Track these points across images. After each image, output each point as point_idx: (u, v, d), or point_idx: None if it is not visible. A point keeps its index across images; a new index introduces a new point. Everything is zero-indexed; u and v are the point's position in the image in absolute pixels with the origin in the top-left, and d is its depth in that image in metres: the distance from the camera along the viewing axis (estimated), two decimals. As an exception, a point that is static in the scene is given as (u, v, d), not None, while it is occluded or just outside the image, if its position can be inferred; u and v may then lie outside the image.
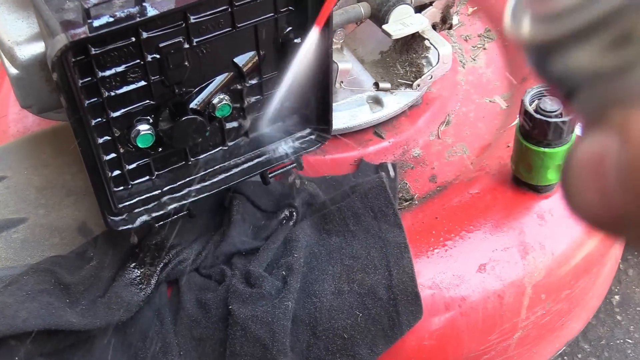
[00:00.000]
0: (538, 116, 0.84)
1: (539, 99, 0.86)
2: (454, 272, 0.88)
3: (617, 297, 1.34)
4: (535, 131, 0.85)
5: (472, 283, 0.87)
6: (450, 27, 1.12)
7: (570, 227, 0.93)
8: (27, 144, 1.03)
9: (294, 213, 0.94)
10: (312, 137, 0.89)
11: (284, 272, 0.86)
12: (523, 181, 0.93)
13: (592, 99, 0.27)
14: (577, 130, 0.88)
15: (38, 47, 0.80)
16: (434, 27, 1.10)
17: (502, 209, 0.93)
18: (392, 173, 1.03)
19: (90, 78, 0.69)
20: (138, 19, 0.65)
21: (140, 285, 0.85)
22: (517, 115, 0.90)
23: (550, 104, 0.84)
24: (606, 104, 0.26)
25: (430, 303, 0.86)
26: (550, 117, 0.84)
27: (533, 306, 0.91)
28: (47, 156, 1.01)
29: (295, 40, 0.79)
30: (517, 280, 0.89)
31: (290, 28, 0.79)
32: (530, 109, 0.85)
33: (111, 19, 0.64)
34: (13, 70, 0.84)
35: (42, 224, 0.93)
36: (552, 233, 0.92)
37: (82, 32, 0.63)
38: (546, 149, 0.86)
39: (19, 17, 0.85)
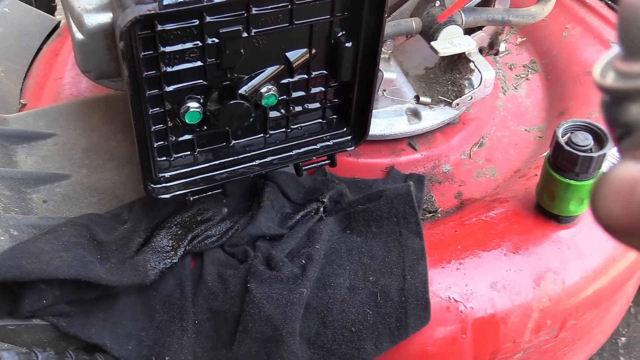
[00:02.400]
0: (568, 148, 0.87)
1: (571, 132, 0.89)
2: (466, 285, 0.91)
3: (623, 339, 1.35)
4: (563, 162, 0.88)
5: (482, 298, 0.90)
6: (497, 54, 1.16)
7: (585, 260, 0.95)
8: (79, 107, 1.09)
9: (321, 208, 0.98)
10: (349, 137, 0.93)
11: (303, 261, 0.90)
12: (545, 209, 0.96)
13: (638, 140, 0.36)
14: (604, 167, 0.90)
15: (105, 17, 0.85)
16: (480, 51, 1.13)
17: (521, 233, 0.96)
18: (420, 184, 1.07)
19: (152, 52, 0.74)
20: (205, 3, 0.69)
21: (168, 254, 0.89)
22: (549, 146, 0.93)
23: (582, 139, 0.87)
24: None
25: (438, 311, 0.89)
26: (580, 150, 0.87)
27: (537, 330, 0.93)
28: (96, 121, 1.07)
29: (347, 45, 0.83)
30: (525, 303, 0.91)
31: (343, 32, 0.83)
32: (562, 140, 0.88)
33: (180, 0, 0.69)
34: (79, 36, 0.89)
35: (84, 183, 0.98)
36: (566, 263, 0.94)
37: (152, 7, 0.68)
38: (571, 181, 0.89)
39: (91, -13, 0.90)
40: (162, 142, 0.84)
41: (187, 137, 0.85)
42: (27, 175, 0.97)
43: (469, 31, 1.08)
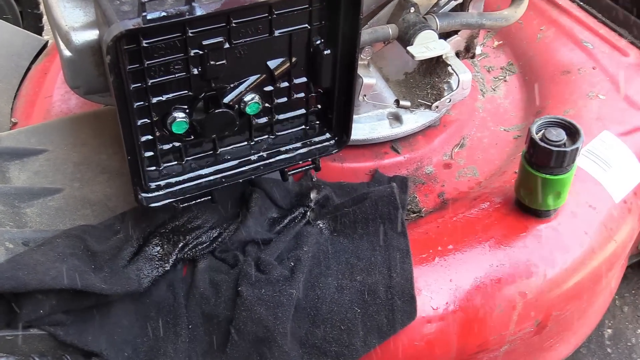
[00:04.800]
0: (542, 144, 0.90)
1: (545, 129, 0.92)
2: (450, 281, 0.94)
3: (609, 330, 1.38)
4: (538, 157, 0.91)
5: (466, 293, 0.93)
6: (473, 57, 1.19)
7: (565, 252, 0.98)
8: (69, 123, 1.11)
9: (308, 212, 1.01)
10: (331, 142, 0.96)
11: (292, 263, 0.92)
12: (525, 205, 0.99)
13: None
14: (578, 161, 0.94)
15: (92, 34, 0.88)
16: (457, 54, 1.17)
17: (502, 228, 0.99)
18: (404, 186, 1.10)
19: (137, 65, 0.77)
20: (187, 17, 0.73)
21: (160, 262, 0.92)
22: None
23: (555, 135, 0.90)
24: None
25: (424, 307, 0.92)
26: (553, 145, 0.90)
27: (522, 322, 0.96)
28: (87, 136, 1.09)
29: (325, 52, 0.86)
30: (508, 296, 0.94)
31: (321, 40, 0.86)
32: (536, 137, 0.91)
33: (163, 14, 0.72)
34: (67, 53, 0.92)
35: (76, 196, 1.00)
36: (547, 256, 0.97)
37: (136, 22, 0.71)
38: (547, 175, 0.92)
39: (77, 5, 0.93)
40: (151, 152, 0.86)
41: (174, 146, 0.88)
42: (20, 190, 0.99)
43: (445, 35, 1.11)
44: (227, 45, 0.80)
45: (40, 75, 1.34)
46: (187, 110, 0.84)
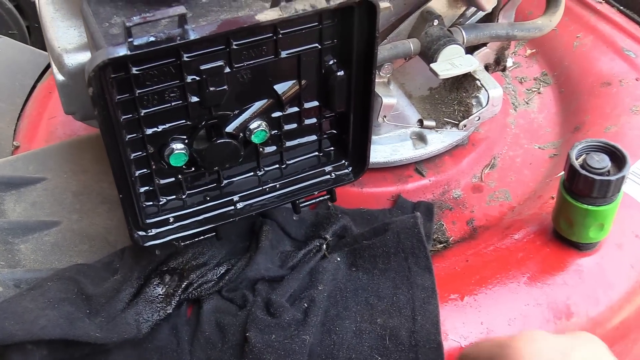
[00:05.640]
0: (584, 172, 0.80)
1: (586, 154, 0.83)
2: (481, 324, 0.85)
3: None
4: (578, 187, 0.82)
5: (499, 337, 0.84)
6: (504, 69, 1.10)
7: (609, 289, 0.89)
8: (69, 148, 1.04)
9: (324, 245, 0.92)
10: (348, 170, 0.88)
11: (305, 305, 0.84)
12: (563, 236, 0.90)
13: None
14: (624, 188, 0.84)
15: (86, 56, 0.82)
16: (486, 68, 1.07)
17: (539, 263, 0.90)
18: (429, 213, 1.01)
19: (128, 94, 0.69)
20: (178, 41, 0.65)
21: (162, 304, 0.84)
22: (563, 167, 0.87)
23: (598, 161, 0.81)
24: None
25: (452, 353, 0.83)
26: (596, 173, 0.80)
27: (561, 368, 0.87)
28: (87, 162, 1.03)
29: (338, 73, 0.78)
30: (546, 339, 0.85)
31: (334, 60, 0.78)
32: (576, 163, 0.82)
33: (152, 39, 0.64)
34: (60, 77, 0.85)
35: (74, 229, 0.94)
36: (589, 293, 0.88)
37: (121, 50, 0.63)
38: (589, 207, 0.82)
39: (72, 25, 0.86)
40: (148, 187, 0.79)
41: (174, 179, 0.80)
42: (14, 224, 0.93)
43: (472, 48, 1.02)
44: (227, 70, 0.72)
45: (45, 95, 1.28)
46: (187, 141, 0.76)
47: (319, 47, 0.76)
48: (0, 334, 0.74)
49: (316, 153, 0.87)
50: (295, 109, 0.81)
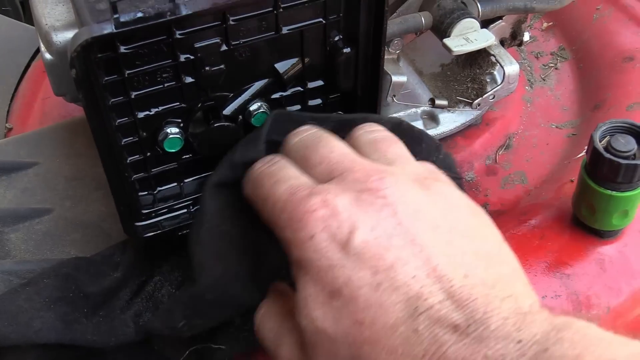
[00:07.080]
0: (608, 155, 0.75)
1: (611, 136, 0.77)
2: (496, 316, 0.80)
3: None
4: (602, 171, 0.76)
5: (515, 331, 0.79)
6: (521, 44, 1.04)
7: (632, 278, 0.84)
8: (63, 131, 0.99)
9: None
10: (355, 153, 0.83)
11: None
12: (584, 223, 0.84)
13: None
14: (651, 174, 0.78)
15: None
16: (502, 43, 1.01)
17: (557, 251, 0.85)
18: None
19: (116, 76, 0.64)
20: (169, 17, 0.59)
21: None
22: (584, 149, 0.82)
23: (623, 143, 0.75)
24: None
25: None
26: (621, 157, 0.75)
27: (581, 362, 0.82)
28: (82, 145, 0.98)
29: (344, 50, 0.72)
30: (566, 333, 0.80)
31: (340, 36, 0.72)
32: (600, 146, 0.76)
33: (140, 15, 0.58)
34: (48, 56, 0.80)
35: (67, 217, 0.89)
36: (610, 283, 0.83)
37: (106, 27, 0.58)
38: (613, 192, 0.77)
39: (60, 1, 0.81)
40: (142, 174, 0.74)
41: (169, 166, 0.75)
42: (4, 212, 0.88)
43: (487, 22, 0.96)
44: (224, 48, 0.66)
45: (39, 73, 1.23)
46: (182, 125, 0.71)
47: (324, 22, 0.70)
48: (-8, 334, 0.70)
49: (321, 136, 0.82)
50: (299, 88, 0.75)
